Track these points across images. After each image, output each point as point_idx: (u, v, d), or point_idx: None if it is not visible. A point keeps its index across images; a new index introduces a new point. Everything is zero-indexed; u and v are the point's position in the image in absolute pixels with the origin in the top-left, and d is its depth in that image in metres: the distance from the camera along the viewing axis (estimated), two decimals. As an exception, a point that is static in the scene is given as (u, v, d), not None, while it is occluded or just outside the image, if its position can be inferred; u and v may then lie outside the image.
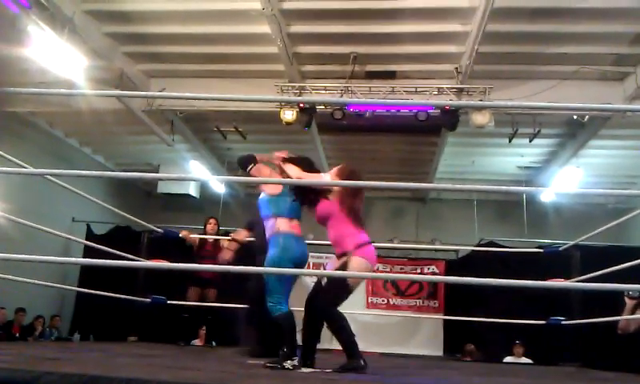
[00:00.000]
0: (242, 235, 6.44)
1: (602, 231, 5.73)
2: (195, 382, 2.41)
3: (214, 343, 7.86)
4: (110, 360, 3.76)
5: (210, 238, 7.59)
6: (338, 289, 4.05)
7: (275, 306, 4.02)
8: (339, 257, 4.19)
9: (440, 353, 10.44)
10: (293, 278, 4.20)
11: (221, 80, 8.99)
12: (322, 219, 4.24)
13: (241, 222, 7.99)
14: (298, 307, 4.09)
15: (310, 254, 11.24)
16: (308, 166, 4.36)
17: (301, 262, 4.25)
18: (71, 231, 10.09)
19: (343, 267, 4.09)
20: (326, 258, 10.83)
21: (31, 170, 4.67)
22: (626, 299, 5.85)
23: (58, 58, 7.04)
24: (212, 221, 7.84)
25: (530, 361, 8.64)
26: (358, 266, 4.01)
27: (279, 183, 4.29)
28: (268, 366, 3.80)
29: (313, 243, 5.61)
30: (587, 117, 8.84)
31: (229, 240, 7.05)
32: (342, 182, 4.21)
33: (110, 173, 11.71)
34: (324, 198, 4.21)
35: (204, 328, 8.24)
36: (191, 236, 7.52)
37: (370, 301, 10.99)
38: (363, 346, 4.21)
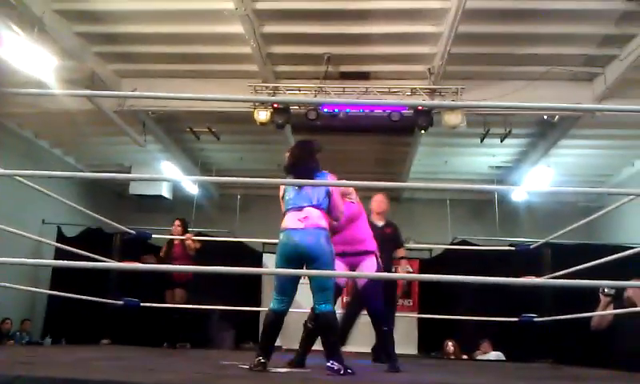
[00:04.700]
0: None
1: (573, 229, 5.82)
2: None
3: (188, 345, 7.79)
4: (84, 363, 3.71)
5: (177, 239, 7.80)
6: (381, 288, 4.58)
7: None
8: (357, 254, 4.54)
9: (414, 351, 10.48)
10: (290, 276, 3.72)
11: (193, 80, 8.92)
12: (351, 218, 4.54)
13: (215, 223, 7.96)
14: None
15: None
16: None
17: (291, 256, 3.68)
18: (42, 234, 9.90)
19: (379, 269, 4.64)
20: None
21: (0, 170, 4.57)
22: (601, 296, 5.97)
23: (27, 58, 6.89)
24: (176, 222, 8.04)
25: (500, 354, 8.73)
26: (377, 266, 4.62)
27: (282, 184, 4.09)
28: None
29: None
30: (557, 117, 8.98)
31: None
32: (325, 182, 4.33)
33: (79, 173, 11.53)
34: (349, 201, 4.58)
35: None
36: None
37: (345, 301, 10.98)
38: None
